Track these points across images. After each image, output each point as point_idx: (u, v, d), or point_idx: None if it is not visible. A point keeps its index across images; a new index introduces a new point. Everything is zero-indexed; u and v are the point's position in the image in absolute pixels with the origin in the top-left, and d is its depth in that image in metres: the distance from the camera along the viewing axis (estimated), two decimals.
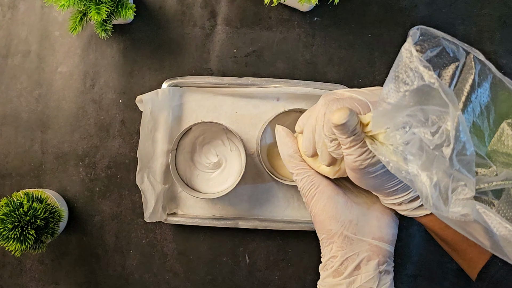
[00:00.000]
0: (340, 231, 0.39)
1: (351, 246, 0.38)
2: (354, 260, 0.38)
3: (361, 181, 0.37)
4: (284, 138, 0.42)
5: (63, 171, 0.56)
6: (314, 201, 0.40)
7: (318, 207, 0.39)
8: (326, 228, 0.39)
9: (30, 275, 0.56)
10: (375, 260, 0.38)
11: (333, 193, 0.40)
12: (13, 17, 0.57)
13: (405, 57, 0.29)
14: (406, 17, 0.56)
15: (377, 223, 0.40)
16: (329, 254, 0.39)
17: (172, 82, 0.54)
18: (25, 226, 0.46)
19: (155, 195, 0.52)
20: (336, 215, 0.39)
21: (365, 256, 0.38)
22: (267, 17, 0.56)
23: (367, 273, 0.38)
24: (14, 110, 0.57)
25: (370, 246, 0.39)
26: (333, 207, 0.39)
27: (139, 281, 0.56)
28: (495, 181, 0.31)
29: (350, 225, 0.39)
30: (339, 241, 0.39)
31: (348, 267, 0.38)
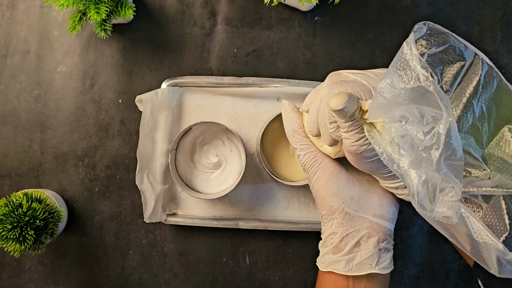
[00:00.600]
0: (341, 207, 0.39)
1: (351, 222, 0.38)
2: (354, 237, 0.38)
3: (358, 164, 0.37)
4: (290, 113, 0.42)
5: (63, 171, 0.56)
6: (316, 177, 0.39)
7: (320, 183, 0.39)
8: (327, 204, 0.39)
9: (29, 275, 0.56)
10: (375, 237, 0.38)
11: (335, 170, 0.39)
12: (12, 16, 0.57)
13: (405, 53, 0.28)
14: (407, 16, 0.56)
15: (378, 201, 0.40)
16: (330, 230, 0.39)
17: (172, 82, 0.54)
18: (24, 227, 0.46)
19: (155, 195, 0.52)
20: (338, 191, 0.39)
21: (365, 233, 0.38)
22: (268, 16, 0.56)
23: (367, 250, 0.38)
24: (13, 110, 0.56)
25: (370, 223, 0.38)
26: (335, 184, 0.39)
27: (139, 281, 0.55)
28: (486, 186, 0.31)
29: (352, 202, 0.39)
30: (339, 218, 0.38)
31: (348, 243, 0.38)
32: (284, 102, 0.43)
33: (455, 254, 0.54)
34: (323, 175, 0.39)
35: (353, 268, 0.38)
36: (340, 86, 0.36)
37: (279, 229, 0.54)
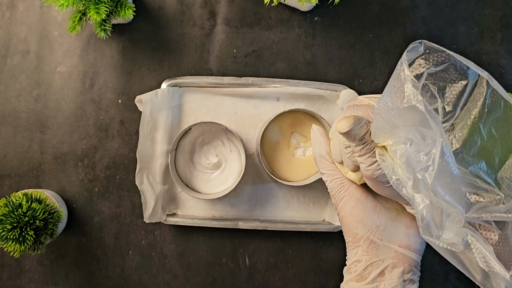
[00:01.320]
0: (366, 235, 0.38)
1: (376, 251, 0.38)
2: (379, 266, 0.38)
3: (377, 189, 0.37)
4: (318, 138, 0.41)
5: (62, 171, 0.56)
6: (343, 203, 0.39)
7: (346, 209, 0.39)
8: (352, 231, 0.38)
9: (29, 276, 0.56)
10: (400, 268, 0.38)
11: (362, 197, 0.39)
12: (12, 16, 0.57)
13: (399, 73, 0.28)
14: (407, 17, 0.56)
15: (405, 231, 0.39)
16: (354, 257, 0.39)
17: (171, 82, 0.54)
18: (24, 227, 0.46)
19: (155, 195, 0.52)
20: (364, 219, 0.38)
21: (390, 263, 0.38)
22: (267, 17, 0.56)
23: (391, 280, 0.37)
24: (13, 110, 0.56)
25: (396, 253, 0.38)
26: (361, 211, 0.38)
27: (139, 282, 0.55)
28: (498, 211, 0.31)
29: (377, 231, 0.38)
30: (364, 246, 0.38)
31: (372, 272, 0.38)
32: (314, 126, 0.42)
33: None
34: (349, 201, 0.39)
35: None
36: (352, 110, 0.36)
37: (279, 229, 0.54)
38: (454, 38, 0.55)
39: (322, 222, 0.54)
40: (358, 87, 0.55)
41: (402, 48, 0.55)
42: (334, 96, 0.53)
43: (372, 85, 0.55)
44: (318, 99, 0.55)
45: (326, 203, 0.55)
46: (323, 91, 0.53)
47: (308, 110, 0.51)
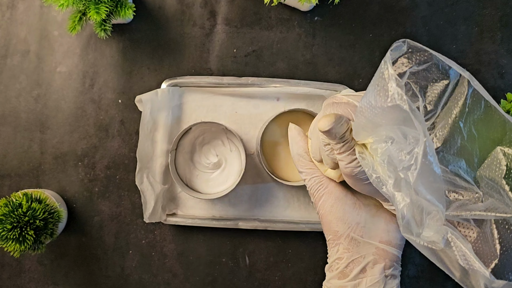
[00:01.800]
0: (346, 232, 0.38)
1: (357, 248, 0.38)
2: (360, 263, 0.38)
3: (356, 187, 0.37)
4: (296, 137, 0.42)
5: (62, 171, 0.56)
6: (322, 201, 0.39)
7: (326, 207, 0.39)
8: (333, 229, 0.39)
9: (29, 276, 0.56)
10: (381, 264, 0.38)
11: (341, 194, 0.39)
12: (12, 16, 0.57)
13: (382, 72, 0.28)
14: (407, 17, 0.56)
15: (385, 227, 0.39)
16: (335, 255, 0.39)
17: (171, 82, 0.54)
18: (24, 227, 0.46)
19: (155, 195, 0.52)
20: (344, 216, 0.38)
21: (371, 260, 0.38)
22: (267, 16, 0.56)
23: (372, 277, 0.37)
24: (13, 110, 0.56)
25: (377, 249, 0.38)
26: (341, 209, 0.39)
27: (139, 281, 0.55)
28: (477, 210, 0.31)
29: (357, 228, 0.38)
30: (345, 243, 0.38)
31: (353, 269, 0.38)
32: (290, 126, 0.43)
33: None
34: (329, 199, 0.39)
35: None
36: (331, 108, 0.36)
37: (279, 229, 0.54)
38: (454, 37, 0.55)
39: None
40: (358, 87, 0.55)
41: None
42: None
43: None
44: (318, 99, 0.55)
45: None
46: (323, 91, 0.53)
47: (308, 110, 0.51)
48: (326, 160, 0.38)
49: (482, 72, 0.55)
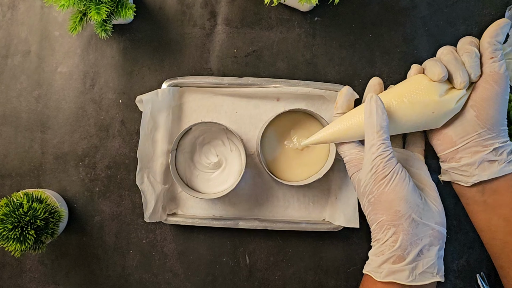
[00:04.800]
0: (408, 213, 0.38)
1: (416, 230, 0.38)
2: (418, 245, 0.38)
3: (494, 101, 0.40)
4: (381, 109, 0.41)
5: (63, 171, 0.56)
6: (387, 179, 0.39)
7: (391, 186, 0.39)
8: (394, 208, 0.38)
9: (30, 275, 0.56)
10: (436, 246, 0.38)
11: (405, 175, 0.40)
12: (13, 17, 0.57)
13: None
14: (406, 17, 0.56)
15: (435, 208, 0.40)
16: (390, 237, 0.38)
17: (172, 82, 0.54)
18: (25, 227, 0.46)
19: (155, 195, 0.52)
20: (407, 196, 0.38)
21: (428, 242, 0.38)
22: (267, 17, 0.56)
23: (429, 259, 0.37)
24: (13, 110, 0.57)
25: (432, 231, 0.38)
26: (405, 189, 0.39)
27: (139, 281, 0.56)
28: None
29: (418, 209, 0.38)
30: (405, 224, 0.38)
31: (411, 252, 0.38)
32: (374, 96, 0.41)
33: (454, 254, 0.55)
34: (394, 178, 0.39)
35: (416, 278, 0.37)
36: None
37: (279, 229, 0.54)
38: (454, 38, 0.55)
39: (322, 222, 0.54)
40: (358, 87, 0.55)
41: (401, 48, 0.56)
42: (334, 96, 0.54)
43: None
44: (318, 99, 0.55)
45: (326, 203, 0.55)
46: (323, 91, 0.53)
47: (308, 110, 0.51)
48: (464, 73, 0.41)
49: None
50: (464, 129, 0.41)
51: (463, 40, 0.44)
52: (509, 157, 0.40)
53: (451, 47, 0.44)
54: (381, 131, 0.40)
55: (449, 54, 0.42)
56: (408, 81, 0.45)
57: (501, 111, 0.40)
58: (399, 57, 0.55)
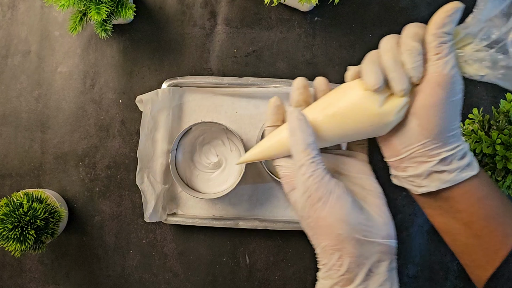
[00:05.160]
0: (351, 234, 0.34)
1: (361, 250, 0.35)
2: (365, 265, 0.35)
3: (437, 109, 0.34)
4: (303, 124, 0.36)
5: (63, 171, 0.56)
6: (322, 202, 0.35)
7: (327, 209, 0.35)
8: (334, 232, 0.35)
9: (30, 275, 0.56)
10: (386, 261, 0.35)
11: (342, 192, 0.35)
12: (13, 17, 0.57)
13: None
14: (407, 17, 0.56)
15: (381, 220, 0.36)
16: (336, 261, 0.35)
17: (172, 82, 0.54)
18: (25, 226, 0.46)
19: (155, 195, 0.52)
20: (347, 217, 0.34)
21: (376, 259, 0.35)
22: (267, 17, 0.56)
23: (379, 275, 0.35)
24: (14, 110, 0.57)
25: (380, 246, 0.35)
26: (343, 208, 0.35)
27: (139, 281, 0.55)
28: None
29: (360, 227, 0.35)
30: (349, 246, 0.34)
31: (359, 273, 0.34)
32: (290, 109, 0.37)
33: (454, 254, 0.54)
34: (330, 199, 0.35)
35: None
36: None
37: (279, 228, 0.54)
38: None
39: None
40: None
41: None
42: None
43: None
44: None
45: None
46: None
47: None
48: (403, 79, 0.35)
49: None
50: (408, 138, 0.36)
51: (406, 31, 0.35)
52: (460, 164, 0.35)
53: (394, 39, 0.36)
54: (308, 149, 0.35)
55: (388, 53, 0.35)
56: (342, 90, 0.38)
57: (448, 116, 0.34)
58: None
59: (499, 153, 0.45)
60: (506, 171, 0.47)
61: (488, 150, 0.46)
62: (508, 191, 0.47)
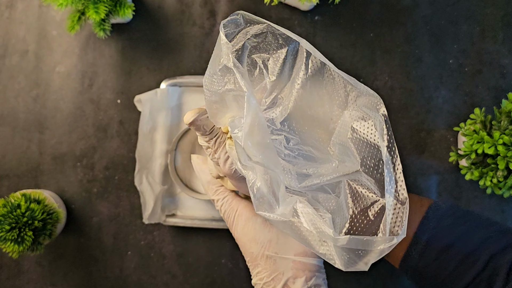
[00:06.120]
0: (261, 252, 0.38)
1: (274, 266, 0.38)
2: (280, 280, 0.37)
3: (240, 188, 0.37)
4: (201, 166, 0.41)
5: (61, 172, 0.56)
6: (235, 225, 0.39)
7: (238, 230, 0.39)
8: (248, 251, 0.38)
9: (27, 276, 0.55)
10: (302, 277, 0.37)
11: (250, 214, 0.39)
12: (11, 16, 0.57)
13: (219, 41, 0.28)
14: (408, 16, 0.55)
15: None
16: (256, 276, 0.39)
17: (171, 82, 0.54)
18: (22, 227, 0.46)
19: (154, 196, 0.52)
20: (255, 236, 0.38)
21: (291, 275, 0.38)
22: (268, 16, 0.56)
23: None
24: (11, 110, 0.56)
25: (294, 263, 0.38)
26: (252, 229, 0.38)
27: (137, 283, 0.55)
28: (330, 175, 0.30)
29: (270, 245, 0.38)
30: (262, 263, 0.38)
31: (275, 287, 0.38)
32: (193, 157, 0.42)
33: None
34: (240, 222, 0.39)
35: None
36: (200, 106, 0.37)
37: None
38: (456, 37, 0.55)
39: None
40: None
41: (403, 47, 0.55)
42: None
43: (373, 85, 0.55)
44: None
45: None
46: None
47: None
48: (213, 170, 0.38)
49: (483, 72, 0.55)
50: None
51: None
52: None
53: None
54: (209, 185, 0.40)
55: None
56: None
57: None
58: (400, 56, 0.55)
59: (501, 154, 0.45)
60: (508, 172, 0.46)
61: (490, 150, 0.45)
62: (510, 191, 0.47)
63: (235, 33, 0.30)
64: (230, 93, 0.28)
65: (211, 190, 0.40)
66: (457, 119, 0.54)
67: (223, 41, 0.27)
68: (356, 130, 0.29)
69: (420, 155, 0.54)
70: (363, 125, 0.29)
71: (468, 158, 0.48)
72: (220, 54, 0.27)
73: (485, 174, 0.47)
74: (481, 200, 0.53)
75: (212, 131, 0.33)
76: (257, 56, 0.32)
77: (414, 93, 0.54)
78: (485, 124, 0.48)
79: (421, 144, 0.54)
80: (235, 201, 0.40)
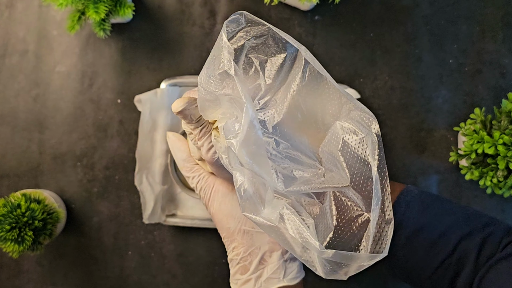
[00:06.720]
0: (238, 227, 0.39)
1: (251, 240, 0.38)
2: (257, 254, 0.38)
3: (220, 175, 0.37)
4: (176, 143, 0.41)
5: (61, 171, 0.56)
6: (211, 201, 0.40)
7: (215, 206, 0.39)
8: (225, 226, 0.39)
9: (27, 276, 0.55)
10: (278, 251, 0.38)
11: (227, 190, 0.39)
12: (11, 16, 0.57)
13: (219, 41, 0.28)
14: (408, 16, 0.55)
15: None
16: (233, 251, 0.39)
17: (171, 82, 0.54)
18: (22, 227, 0.46)
19: (154, 196, 0.52)
20: (232, 211, 0.39)
21: (268, 248, 0.38)
22: (267, 16, 0.56)
23: (272, 265, 0.38)
24: (11, 110, 0.56)
25: (270, 237, 0.38)
26: (228, 205, 0.39)
27: (138, 282, 0.55)
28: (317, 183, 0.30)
29: (247, 220, 0.38)
30: (239, 238, 0.39)
31: (252, 262, 0.38)
32: (168, 134, 0.42)
33: None
34: (216, 198, 0.39)
35: (262, 285, 0.38)
36: (188, 94, 0.37)
37: None
38: (456, 37, 0.55)
39: None
40: (359, 86, 0.55)
41: (403, 47, 0.55)
42: None
43: (373, 84, 0.55)
44: None
45: None
46: None
47: None
48: (194, 151, 0.38)
49: (483, 72, 0.55)
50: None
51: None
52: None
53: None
54: (184, 163, 0.40)
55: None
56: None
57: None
58: (400, 56, 0.55)
59: (501, 154, 0.45)
60: (508, 172, 0.46)
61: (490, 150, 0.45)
62: (510, 191, 0.47)
63: (235, 32, 0.30)
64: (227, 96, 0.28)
65: (186, 168, 0.40)
66: (457, 119, 0.54)
67: (224, 44, 0.27)
68: (347, 143, 0.30)
69: (420, 155, 0.54)
70: (354, 139, 0.29)
71: (468, 158, 0.48)
72: (220, 56, 0.27)
73: (485, 174, 0.47)
74: (481, 200, 0.53)
75: (198, 120, 0.33)
76: (254, 56, 0.32)
77: (414, 93, 0.54)
78: (485, 124, 0.48)
79: (421, 143, 0.54)
80: (211, 178, 0.40)
